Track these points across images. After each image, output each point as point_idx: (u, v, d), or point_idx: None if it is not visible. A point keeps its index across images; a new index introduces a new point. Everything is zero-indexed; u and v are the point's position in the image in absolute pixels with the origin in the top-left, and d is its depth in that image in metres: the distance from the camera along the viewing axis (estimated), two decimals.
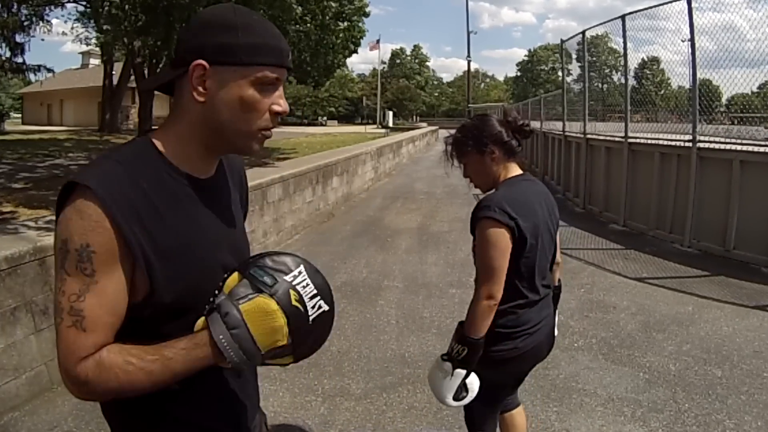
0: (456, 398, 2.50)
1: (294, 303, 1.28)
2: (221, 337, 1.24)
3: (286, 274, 1.30)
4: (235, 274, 1.33)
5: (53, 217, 1.37)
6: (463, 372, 2.47)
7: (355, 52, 23.69)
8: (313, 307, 1.31)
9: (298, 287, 1.29)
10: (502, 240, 2.37)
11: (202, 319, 1.29)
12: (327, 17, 19.17)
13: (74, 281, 1.25)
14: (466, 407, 2.79)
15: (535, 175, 2.97)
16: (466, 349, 2.45)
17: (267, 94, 1.37)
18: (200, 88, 1.33)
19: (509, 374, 2.73)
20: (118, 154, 1.38)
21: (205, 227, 1.45)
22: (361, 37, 23.17)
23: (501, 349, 2.54)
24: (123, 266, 1.27)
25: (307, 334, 1.31)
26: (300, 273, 1.31)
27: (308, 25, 18.71)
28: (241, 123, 1.37)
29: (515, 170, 2.61)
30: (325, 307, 1.34)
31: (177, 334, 1.29)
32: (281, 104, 1.39)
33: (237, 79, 1.33)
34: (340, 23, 20.69)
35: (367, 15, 21.91)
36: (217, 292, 1.32)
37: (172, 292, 1.33)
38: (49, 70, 29.62)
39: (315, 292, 1.31)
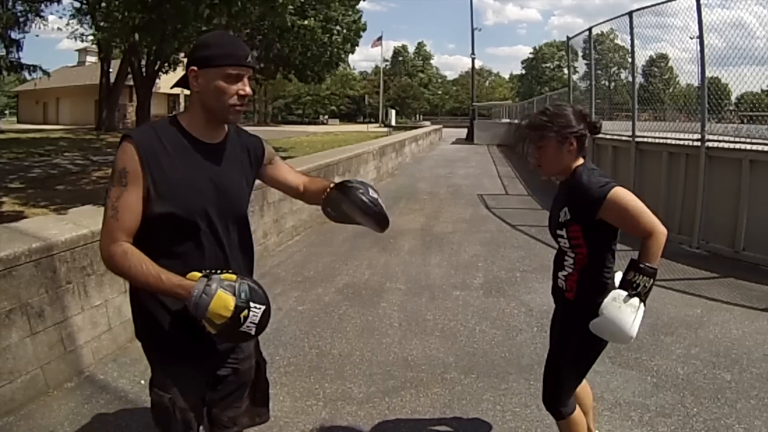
0: None
1: (240, 316, 2.10)
2: (196, 291, 2.08)
3: (254, 302, 2.15)
4: (235, 276, 2.19)
5: (52, 217, 1.80)
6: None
7: (356, 45, 23.79)
8: (245, 327, 2.13)
9: (251, 313, 2.13)
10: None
11: (198, 274, 2.17)
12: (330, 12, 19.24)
13: (116, 190, 2.22)
14: (557, 377, 3.05)
15: (540, 175, 3.05)
16: (652, 279, 2.76)
17: (233, 83, 2.29)
18: (194, 83, 2.32)
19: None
20: (154, 122, 2.48)
21: (201, 171, 2.35)
22: (363, 30, 23.26)
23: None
24: (142, 184, 2.22)
25: (229, 332, 2.13)
26: (260, 309, 2.17)
27: (311, 20, 18.77)
28: (218, 102, 2.30)
29: (581, 160, 2.90)
30: (251, 332, 2.17)
31: (171, 240, 2.32)
32: (244, 89, 2.31)
33: (213, 76, 2.28)
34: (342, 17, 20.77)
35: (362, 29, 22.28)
36: (219, 271, 2.21)
37: (168, 205, 2.25)
38: (45, 72, 29.70)
39: (255, 323, 2.15)
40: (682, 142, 9.47)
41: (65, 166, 17.16)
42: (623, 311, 2.68)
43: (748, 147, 8.35)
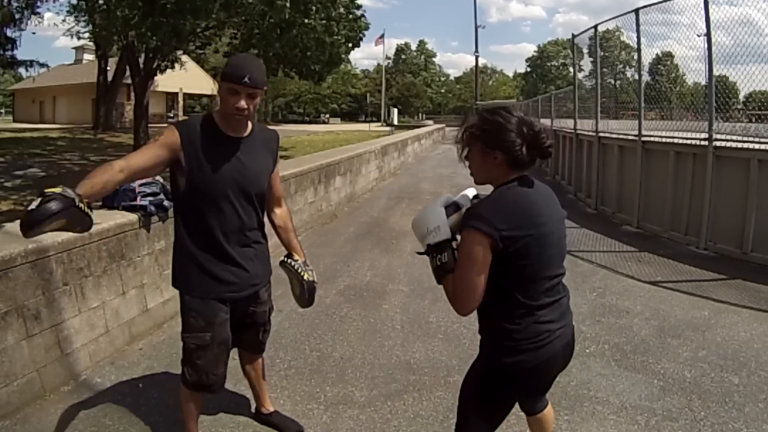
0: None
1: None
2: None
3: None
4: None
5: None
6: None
7: (357, 45, 23.84)
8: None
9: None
10: (481, 253, 2.34)
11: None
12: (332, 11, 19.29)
13: (144, 147, 3.07)
14: (461, 414, 2.83)
15: (544, 174, 2.94)
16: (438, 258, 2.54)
17: (232, 98, 2.93)
18: (219, 90, 3.03)
19: (515, 389, 2.63)
20: (193, 117, 3.23)
21: (227, 159, 3.06)
22: (366, 28, 23.29)
23: (506, 362, 2.49)
24: (171, 154, 2.99)
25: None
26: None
27: (313, 17, 18.79)
28: (224, 109, 3.01)
29: (514, 176, 2.50)
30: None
31: (201, 208, 3.10)
32: (239, 104, 2.93)
33: (223, 89, 2.96)
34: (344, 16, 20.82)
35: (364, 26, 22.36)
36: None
37: (198, 182, 3.02)
38: (42, 65, 29.75)
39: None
40: (689, 142, 9.46)
41: (66, 166, 17.18)
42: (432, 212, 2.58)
43: (757, 147, 8.34)
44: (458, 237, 2.49)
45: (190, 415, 3.53)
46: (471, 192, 2.74)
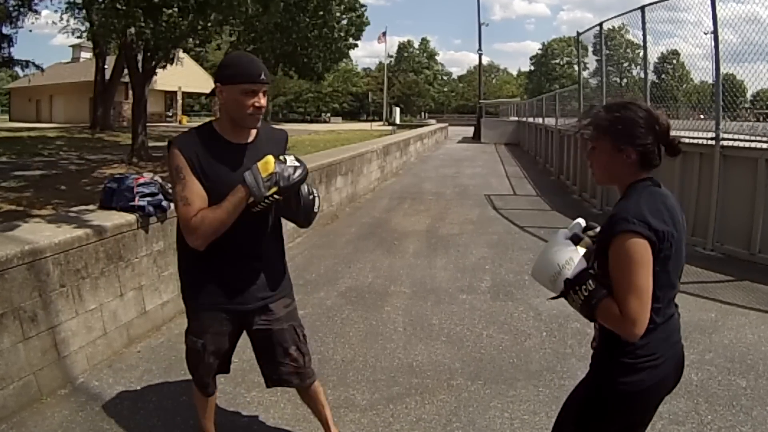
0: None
1: (281, 165, 2.86)
2: (245, 176, 2.79)
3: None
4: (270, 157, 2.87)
5: (46, 219, 1.87)
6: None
7: (358, 41, 23.96)
8: (289, 166, 2.88)
9: (287, 159, 2.92)
10: (646, 255, 2.16)
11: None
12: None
13: (179, 185, 2.83)
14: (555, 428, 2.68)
15: (549, 174, 2.81)
16: (579, 301, 2.26)
17: (249, 97, 2.86)
18: (220, 97, 2.91)
19: (629, 411, 2.42)
20: (195, 128, 3.07)
21: (233, 168, 2.94)
22: (366, 24, 23.39)
23: (622, 382, 2.32)
24: (194, 173, 2.84)
25: (283, 177, 2.84)
26: (292, 160, 2.94)
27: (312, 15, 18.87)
28: (238, 113, 2.90)
29: (644, 175, 2.38)
30: (297, 178, 2.89)
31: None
32: (259, 102, 2.89)
33: (233, 91, 2.86)
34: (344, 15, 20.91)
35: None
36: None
37: (210, 194, 2.86)
38: (38, 67, 29.76)
39: (295, 164, 2.92)
40: (696, 141, 9.45)
41: (63, 166, 17.18)
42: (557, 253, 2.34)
43: (765, 146, 8.33)
44: (594, 265, 2.32)
45: (199, 410, 3.63)
46: (581, 221, 2.53)
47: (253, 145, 3.07)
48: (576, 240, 2.39)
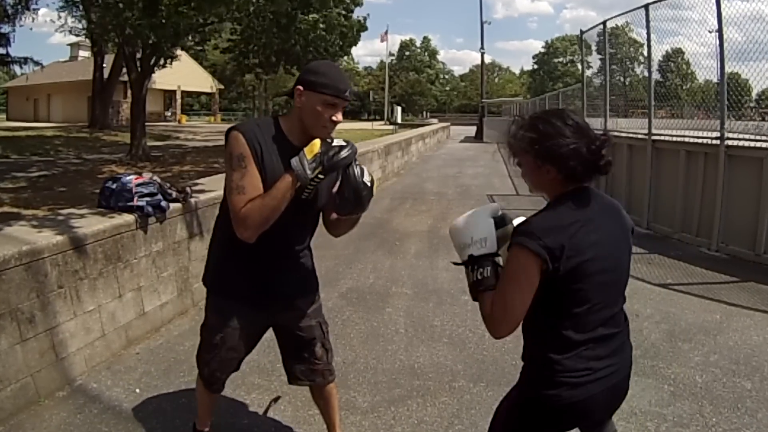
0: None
1: (328, 147, 2.77)
2: (293, 159, 2.73)
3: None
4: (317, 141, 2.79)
5: (44, 219, 1.82)
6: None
7: (355, 44, 24.04)
8: (335, 153, 2.75)
9: (334, 141, 2.82)
10: (527, 271, 2.17)
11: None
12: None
13: (237, 173, 2.75)
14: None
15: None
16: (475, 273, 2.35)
17: (328, 110, 2.78)
18: (298, 100, 2.82)
19: (544, 424, 2.39)
20: (259, 119, 3.41)
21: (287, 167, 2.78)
22: (364, 29, 23.44)
23: (542, 394, 2.31)
24: (256, 164, 2.76)
25: (329, 156, 2.74)
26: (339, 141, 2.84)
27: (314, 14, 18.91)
28: (313, 121, 2.81)
29: (572, 185, 2.31)
30: (342, 156, 2.76)
31: None
32: (336, 117, 2.82)
33: (314, 99, 2.77)
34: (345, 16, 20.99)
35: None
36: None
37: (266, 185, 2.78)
38: (37, 63, 29.79)
39: (341, 145, 2.80)
40: (700, 141, 9.45)
41: (62, 166, 17.19)
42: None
43: None
44: (500, 253, 2.39)
45: (200, 406, 3.66)
46: (498, 209, 2.53)
47: None
48: (501, 222, 2.46)
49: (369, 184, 2.92)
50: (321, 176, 2.75)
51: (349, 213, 3.01)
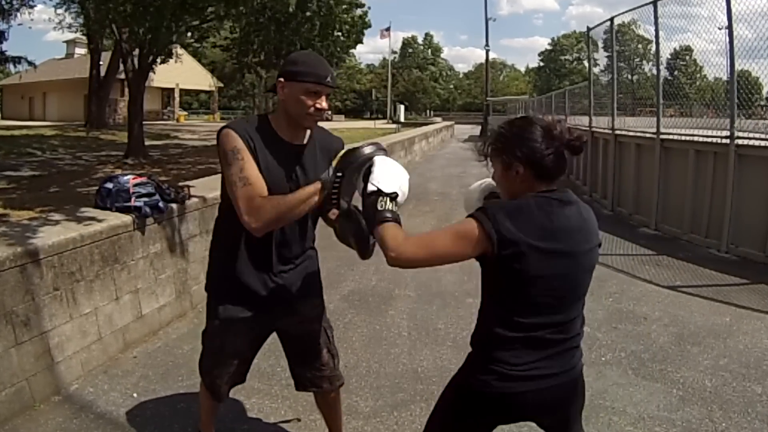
0: None
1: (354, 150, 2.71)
2: (323, 175, 2.72)
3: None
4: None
5: (39, 220, 1.79)
6: None
7: (359, 42, 24.05)
8: (352, 154, 2.71)
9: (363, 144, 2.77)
10: (466, 231, 2.26)
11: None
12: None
13: (235, 166, 2.71)
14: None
15: None
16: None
17: (312, 98, 2.79)
18: (281, 92, 2.85)
19: (469, 410, 2.42)
20: (249, 117, 3.16)
21: (286, 169, 2.89)
22: (367, 26, 23.44)
23: (476, 378, 2.37)
24: (252, 156, 2.76)
25: (354, 155, 2.69)
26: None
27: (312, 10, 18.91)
28: (297, 110, 2.82)
29: (542, 186, 2.32)
30: (358, 155, 2.70)
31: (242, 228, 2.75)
32: (320, 104, 2.82)
33: (296, 89, 2.79)
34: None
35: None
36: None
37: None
38: (31, 63, 29.76)
39: (359, 154, 2.70)
40: (709, 140, 9.44)
41: (57, 166, 17.21)
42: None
43: None
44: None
45: (203, 411, 3.70)
46: (490, 182, 2.77)
47: (305, 147, 3.00)
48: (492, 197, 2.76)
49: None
50: (339, 174, 2.64)
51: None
